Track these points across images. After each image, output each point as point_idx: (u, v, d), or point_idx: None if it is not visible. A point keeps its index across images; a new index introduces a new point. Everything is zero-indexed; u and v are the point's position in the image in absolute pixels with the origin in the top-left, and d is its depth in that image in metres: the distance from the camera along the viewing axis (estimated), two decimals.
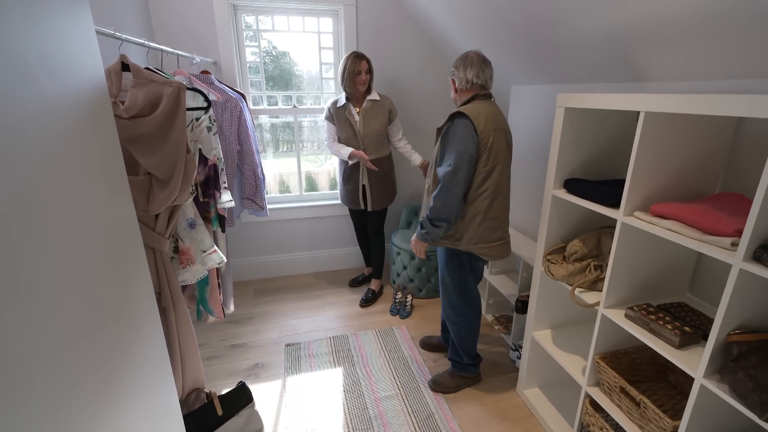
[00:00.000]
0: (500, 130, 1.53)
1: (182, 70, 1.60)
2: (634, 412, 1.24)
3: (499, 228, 1.60)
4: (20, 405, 0.54)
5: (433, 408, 1.78)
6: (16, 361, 0.54)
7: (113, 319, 0.83)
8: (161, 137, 1.10)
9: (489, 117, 1.50)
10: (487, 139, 1.49)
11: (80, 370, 0.69)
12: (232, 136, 2.09)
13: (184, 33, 2.37)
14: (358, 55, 2.22)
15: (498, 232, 1.60)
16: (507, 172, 1.59)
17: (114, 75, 1.12)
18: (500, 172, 1.54)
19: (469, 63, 1.57)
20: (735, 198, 1.13)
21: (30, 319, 0.57)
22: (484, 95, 1.59)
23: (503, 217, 1.61)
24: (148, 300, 1.02)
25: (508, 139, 1.58)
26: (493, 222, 1.58)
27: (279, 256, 3.01)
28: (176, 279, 1.30)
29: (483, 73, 1.57)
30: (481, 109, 1.51)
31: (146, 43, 1.30)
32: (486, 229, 1.57)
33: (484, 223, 1.56)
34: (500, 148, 1.53)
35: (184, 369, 1.40)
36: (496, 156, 1.52)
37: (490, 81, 1.61)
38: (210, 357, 2.11)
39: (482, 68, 1.57)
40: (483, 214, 1.55)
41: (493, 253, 1.61)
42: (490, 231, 1.58)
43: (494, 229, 1.59)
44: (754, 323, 0.97)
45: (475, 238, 1.57)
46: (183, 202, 1.24)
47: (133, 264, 0.94)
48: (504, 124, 1.56)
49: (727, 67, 1.16)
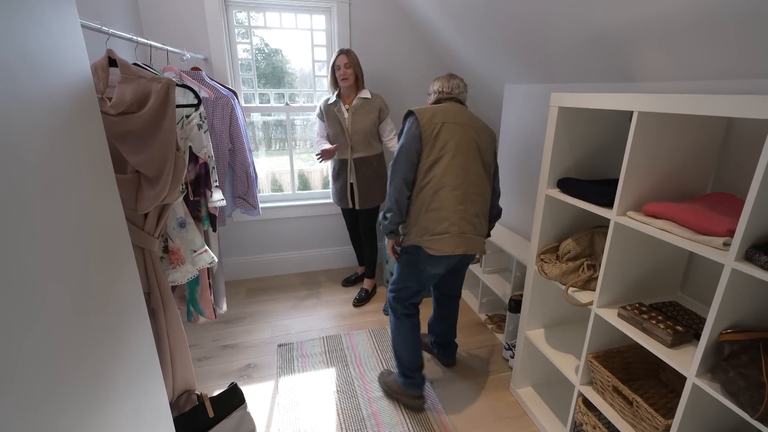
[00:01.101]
0: (454, 124, 1.54)
1: (172, 66, 1.57)
2: (627, 410, 1.24)
3: (444, 220, 1.52)
4: (8, 406, 0.52)
5: (426, 407, 1.77)
6: (3, 362, 0.52)
7: (100, 319, 0.80)
8: (150, 134, 1.07)
9: (438, 112, 1.55)
10: (431, 130, 1.52)
11: (68, 372, 0.67)
12: (224, 134, 2.06)
13: (174, 28, 2.33)
14: (341, 50, 2.23)
15: (443, 224, 1.52)
16: (466, 167, 1.54)
17: (101, 71, 1.09)
18: (448, 164, 1.52)
19: (437, 79, 1.75)
20: (726, 198, 1.13)
21: (17, 320, 0.55)
22: (448, 98, 1.67)
23: (449, 209, 1.52)
24: (137, 301, 1.00)
25: (471, 135, 1.55)
26: (437, 213, 1.53)
27: (271, 255, 2.98)
28: (166, 279, 1.28)
29: (449, 83, 1.70)
30: (435, 106, 1.59)
31: (134, 38, 1.27)
32: (430, 220, 1.53)
33: (427, 214, 1.54)
34: (450, 141, 1.52)
35: (175, 370, 1.37)
36: (443, 148, 1.52)
37: (457, 89, 1.70)
38: (201, 358, 2.09)
39: (448, 80, 1.71)
40: (427, 205, 1.54)
41: (437, 246, 1.53)
42: (435, 222, 1.53)
43: (438, 220, 1.52)
44: (746, 322, 0.98)
45: (421, 229, 1.55)
46: (173, 201, 1.21)
47: (120, 264, 0.92)
48: (462, 119, 1.56)
49: (718, 67, 1.17)
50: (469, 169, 1.55)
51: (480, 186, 1.58)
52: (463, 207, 1.54)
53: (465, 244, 1.56)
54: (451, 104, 1.62)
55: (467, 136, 1.55)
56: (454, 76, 1.73)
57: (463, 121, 1.56)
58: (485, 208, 1.62)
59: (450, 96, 1.68)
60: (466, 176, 1.54)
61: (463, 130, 1.55)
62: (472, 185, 1.56)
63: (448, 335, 2.01)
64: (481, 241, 1.61)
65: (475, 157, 1.56)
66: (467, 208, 1.55)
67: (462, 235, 1.54)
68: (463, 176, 1.54)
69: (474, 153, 1.56)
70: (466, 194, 1.54)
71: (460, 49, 2.45)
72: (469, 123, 1.57)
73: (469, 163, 1.55)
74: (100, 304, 0.80)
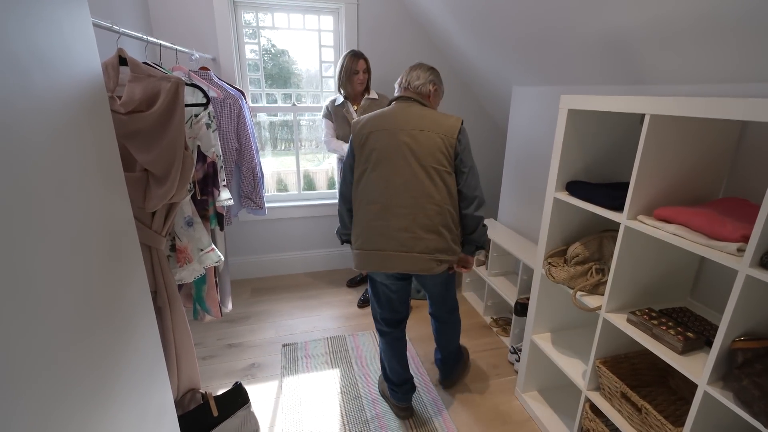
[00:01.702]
0: (382, 131, 1.39)
1: (181, 65, 1.58)
2: (636, 417, 1.22)
3: (359, 236, 1.45)
4: (16, 406, 0.52)
5: (431, 410, 1.76)
6: (12, 362, 0.52)
7: (108, 318, 0.81)
8: (159, 133, 1.07)
9: (371, 120, 1.44)
10: (359, 142, 1.44)
11: (75, 370, 0.67)
12: (231, 133, 2.07)
13: (183, 28, 2.34)
14: (355, 54, 2.22)
15: (358, 240, 1.45)
16: (390, 176, 1.38)
17: (111, 69, 1.09)
18: (368, 177, 1.41)
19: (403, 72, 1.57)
20: (739, 203, 1.12)
21: (25, 319, 0.55)
22: (401, 96, 1.51)
23: (362, 225, 1.44)
24: (144, 299, 1.00)
25: (401, 140, 1.37)
26: (356, 229, 1.47)
27: (277, 255, 2.98)
28: (173, 278, 1.28)
29: (408, 75, 1.52)
30: (374, 112, 1.49)
31: (144, 38, 1.28)
32: (353, 235, 1.50)
33: (354, 229, 1.50)
34: (373, 151, 1.40)
35: (180, 369, 1.38)
36: (367, 159, 1.41)
37: (417, 80, 1.49)
38: (206, 357, 2.09)
39: (409, 71, 1.53)
40: (355, 219, 1.50)
41: (355, 262, 1.48)
42: (354, 237, 1.49)
43: (356, 236, 1.47)
44: (759, 330, 0.96)
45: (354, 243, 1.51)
46: (180, 199, 1.22)
47: (128, 262, 0.92)
48: (394, 123, 1.40)
49: (729, 70, 1.15)
50: (393, 180, 1.38)
51: (412, 196, 1.37)
52: (381, 222, 1.40)
53: (379, 261, 1.42)
54: (394, 106, 1.47)
55: (395, 141, 1.37)
56: (420, 65, 1.53)
57: (394, 125, 1.39)
58: (427, 220, 1.38)
59: (401, 95, 1.51)
60: (387, 188, 1.39)
61: (391, 135, 1.38)
62: (396, 197, 1.38)
63: (440, 355, 1.87)
64: (416, 258, 1.39)
65: (403, 164, 1.37)
66: (388, 223, 1.39)
67: (376, 251, 1.41)
68: (383, 188, 1.39)
69: (402, 160, 1.37)
70: (387, 208, 1.39)
71: (467, 51, 2.44)
72: (402, 126, 1.38)
73: (394, 172, 1.38)
74: (107, 303, 0.80)
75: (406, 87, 1.51)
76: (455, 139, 1.39)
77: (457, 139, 1.39)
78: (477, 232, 1.49)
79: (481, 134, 3.07)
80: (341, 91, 2.32)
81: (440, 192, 1.39)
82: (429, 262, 1.41)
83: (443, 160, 1.38)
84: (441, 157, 1.38)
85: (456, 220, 1.45)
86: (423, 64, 1.54)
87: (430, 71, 1.53)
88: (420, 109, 1.45)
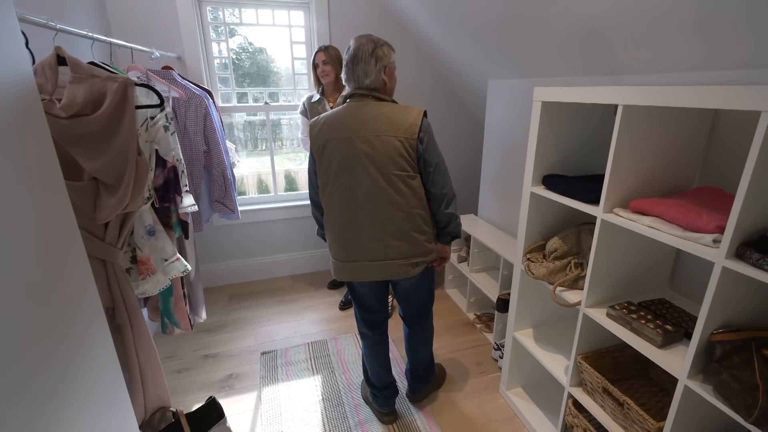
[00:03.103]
0: (338, 139, 1.30)
1: (137, 65, 1.49)
2: (618, 412, 1.21)
3: (331, 246, 1.43)
4: None
5: (415, 413, 1.73)
6: None
7: (52, 342, 0.73)
8: (107, 138, 0.99)
9: (325, 125, 1.33)
10: (317, 149, 1.36)
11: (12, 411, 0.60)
12: (198, 135, 1.97)
13: (145, 26, 2.23)
14: (320, 47, 2.17)
15: (332, 250, 1.43)
16: (352, 187, 1.31)
17: (48, 70, 1.00)
18: (332, 188, 1.35)
19: (343, 63, 1.35)
20: (713, 192, 1.11)
21: None
22: (354, 94, 1.35)
23: (333, 237, 1.41)
24: (97, 318, 0.92)
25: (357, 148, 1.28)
26: (328, 238, 1.45)
27: (255, 259, 2.90)
28: (132, 292, 1.20)
29: (353, 73, 1.32)
30: (328, 115, 1.35)
31: (89, 35, 1.19)
32: (327, 242, 1.48)
33: (327, 237, 1.47)
34: (332, 161, 1.32)
35: (146, 388, 1.30)
36: (327, 170, 1.34)
37: (367, 78, 1.31)
38: (180, 369, 2.00)
39: (351, 68, 1.32)
40: (326, 228, 1.46)
41: (333, 270, 1.46)
42: (328, 245, 1.47)
43: (329, 245, 1.45)
44: (736, 321, 0.95)
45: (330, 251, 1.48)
46: (136, 209, 1.14)
47: (75, 280, 0.84)
48: (354, 129, 1.29)
49: (703, 58, 1.14)
50: (356, 189, 1.32)
51: (377, 206, 1.32)
52: (349, 234, 1.36)
53: (354, 271, 1.40)
54: (351, 106, 1.33)
55: (353, 151, 1.29)
56: (357, 55, 1.30)
57: (350, 131, 1.29)
58: (395, 227, 1.33)
59: (354, 92, 1.35)
60: (351, 199, 1.33)
61: (348, 144, 1.29)
62: (361, 209, 1.33)
63: (409, 366, 1.74)
64: (389, 265, 1.37)
65: (363, 175, 1.30)
66: (357, 234, 1.35)
67: (349, 262, 1.39)
68: (347, 200, 1.34)
69: (362, 170, 1.29)
70: (353, 220, 1.34)
71: (442, 44, 2.40)
72: (358, 132, 1.28)
73: (356, 183, 1.31)
74: (50, 327, 0.73)
75: (358, 87, 1.33)
76: (416, 140, 1.29)
77: (417, 139, 1.29)
78: (450, 225, 1.44)
79: (459, 128, 3.04)
80: (319, 88, 2.27)
81: (405, 198, 1.32)
82: (404, 267, 1.38)
83: (404, 165, 1.30)
84: (402, 162, 1.29)
85: (428, 220, 1.40)
86: (362, 49, 1.30)
87: (375, 58, 1.30)
88: (376, 106, 1.31)
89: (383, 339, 1.67)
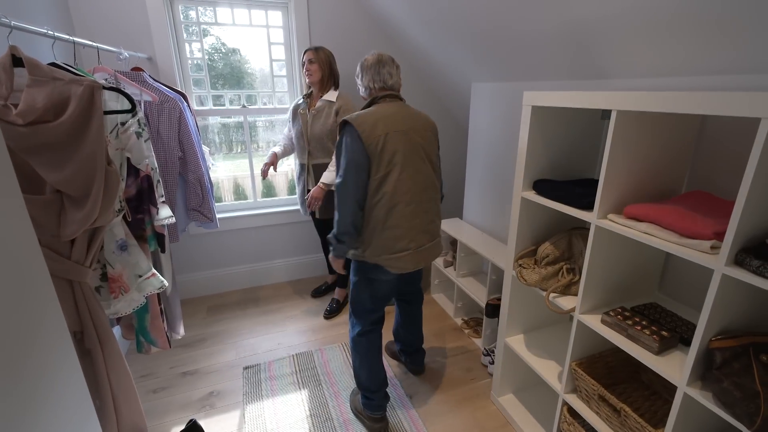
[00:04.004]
0: (398, 132, 1.40)
1: (104, 66, 1.38)
2: (614, 419, 1.20)
3: (403, 237, 1.45)
4: None
5: (406, 424, 1.68)
6: None
7: (9, 378, 0.64)
8: (71, 147, 0.90)
9: (379, 120, 1.39)
10: (376, 144, 1.38)
11: None
12: (173, 141, 1.87)
13: (112, 25, 2.10)
14: (310, 47, 2.13)
15: (402, 242, 1.45)
16: (416, 175, 1.44)
17: (2, 72, 0.90)
18: (398, 177, 1.41)
19: (365, 69, 1.50)
20: (704, 197, 1.11)
21: None
22: (385, 96, 1.48)
23: (406, 226, 1.45)
24: (62, 344, 0.83)
25: (415, 140, 1.43)
26: (395, 231, 1.44)
27: (234, 268, 2.78)
28: (103, 314, 1.10)
29: (379, 74, 1.48)
30: (373, 112, 1.41)
31: (50, 33, 1.08)
32: (388, 239, 1.44)
33: (385, 233, 1.44)
34: (397, 152, 1.40)
35: (120, 415, 1.20)
36: (390, 161, 1.40)
37: (391, 79, 1.49)
38: (156, 389, 1.89)
39: (377, 70, 1.48)
40: (382, 224, 1.43)
41: (398, 265, 1.47)
42: (392, 241, 1.44)
43: (396, 238, 1.44)
44: (733, 326, 0.95)
45: (379, 249, 1.45)
46: (106, 223, 1.04)
47: (35, 304, 0.75)
48: (407, 124, 1.43)
49: (690, 63, 1.15)
50: (418, 178, 1.46)
51: (431, 191, 1.52)
52: (418, 220, 1.47)
53: (425, 256, 1.53)
54: (390, 105, 1.45)
55: (412, 143, 1.43)
56: (382, 59, 1.49)
57: (405, 126, 1.42)
58: (438, 207, 1.58)
59: (388, 94, 1.49)
60: (416, 187, 1.45)
61: (406, 136, 1.42)
62: (424, 194, 1.48)
63: (413, 342, 1.93)
64: (438, 244, 1.60)
65: (422, 163, 1.46)
66: (422, 219, 1.49)
67: (421, 249, 1.50)
68: (414, 189, 1.44)
69: (421, 159, 1.46)
70: (419, 206, 1.47)
71: (425, 45, 2.37)
72: (411, 126, 1.44)
73: (417, 171, 1.45)
74: (13, 363, 0.64)
75: (384, 87, 1.50)
76: (437, 137, 1.57)
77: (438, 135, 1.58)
78: None
79: (442, 131, 3.02)
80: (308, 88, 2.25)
81: (439, 183, 1.59)
82: (441, 246, 1.62)
83: (437, 156, 1.57)
84: (436, 152, 1.56)
85: None
86: (386, 55, 1.51)
87: (395, 64, 1.53)
88: (406, 106, 1.50)
89: (380, 334, 1.70)
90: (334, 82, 2.19)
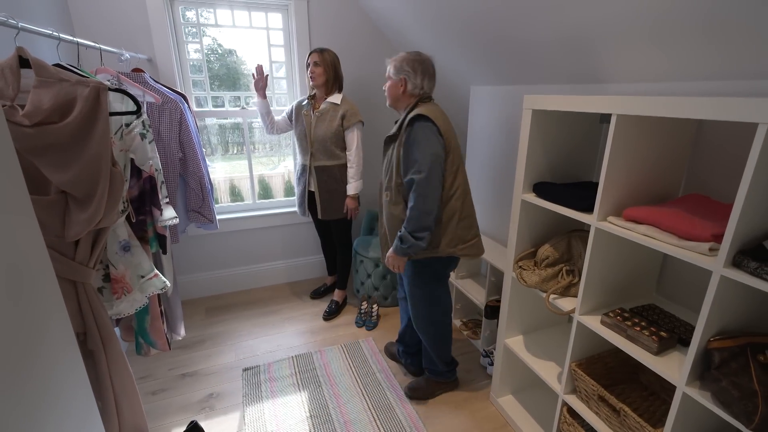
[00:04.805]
0: (452, 129, 1.55)
1: (107, 68, 1.38)
2: (614, 420, 1.21)
3: (473, 226, 1.59)
4: None
5: (406, 425, 1.68)
6: None
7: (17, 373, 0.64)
8: (76, 148, 0.90)
9: (443, 118, 1.51)
10: (449, 139, 1.49)
11: None
12: (173, 142, 1.87)
13: (112, 26, 2.09)
14: (315, 49, 2.13)
15: (473, 229, 1.59)
16: None
17: (9, 73, 0.90)
18: (463, 170, 1.56)
19: (426, 71, 1.54)
20: (702, 200, 1.13)
21: None
22: (428, 97, 1.58)
23: (473, 215, 1.60)
24: (67, 345, 0.84)
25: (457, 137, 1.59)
26: (468, 221, 1.57)
27: (232, 270, 2.78)
28: (106, 315, 1.10)
29: (433, 80, 1.57)
30: (433, 110, 1.50)
31: (55, 34, 1.08)
32: (463, 228, 1.55)
33: (460, 223, 1.54)
34: (458, 147, 1.54)
35: (121, 417, 1.19)
36: (458, 154, 1.53)
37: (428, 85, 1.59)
38: (156, 391, 1.88)
39: (433, 74, 1.57)
40: (458, 215, 1.53)
41: (472, 252, 1.59)
42: (466, 230, 1.56)
43: (469, 227, 1.58)
44: (731, 327, 0.96)
45: (455, 240, 1.54)
46: (110, 224, 1.04)
47: (42, 305, 0.75)
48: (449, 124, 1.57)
49: (687, 68, 1.17)
50: None
51: None
52: (474, 209, 1.66)
53: (482, 243, 1.72)
54: (436, 105, 1.56)
55: (457, 139, 1.57)
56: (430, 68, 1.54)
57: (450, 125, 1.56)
58: None
59: (428, 94, 1.58)
60: None
61: (456, 134, 1.55)
62: None
63: (417, 343, 1.96)
64: None
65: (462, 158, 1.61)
66: None
67: (480, 235, 1.69)
68: (468, 179, 1.60)
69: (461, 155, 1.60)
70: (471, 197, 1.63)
71: (424, 48, 2.38)
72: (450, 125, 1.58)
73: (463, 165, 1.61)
74: (12, 361, 0.64)
75: (430, 90, 1.58)
76: None
77: None
78: None
79: None
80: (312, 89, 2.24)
81: None
82: None
83: None
84: None
85: None
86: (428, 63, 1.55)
87: None
88: None
89: None
90: (338, 85, 2.19)
